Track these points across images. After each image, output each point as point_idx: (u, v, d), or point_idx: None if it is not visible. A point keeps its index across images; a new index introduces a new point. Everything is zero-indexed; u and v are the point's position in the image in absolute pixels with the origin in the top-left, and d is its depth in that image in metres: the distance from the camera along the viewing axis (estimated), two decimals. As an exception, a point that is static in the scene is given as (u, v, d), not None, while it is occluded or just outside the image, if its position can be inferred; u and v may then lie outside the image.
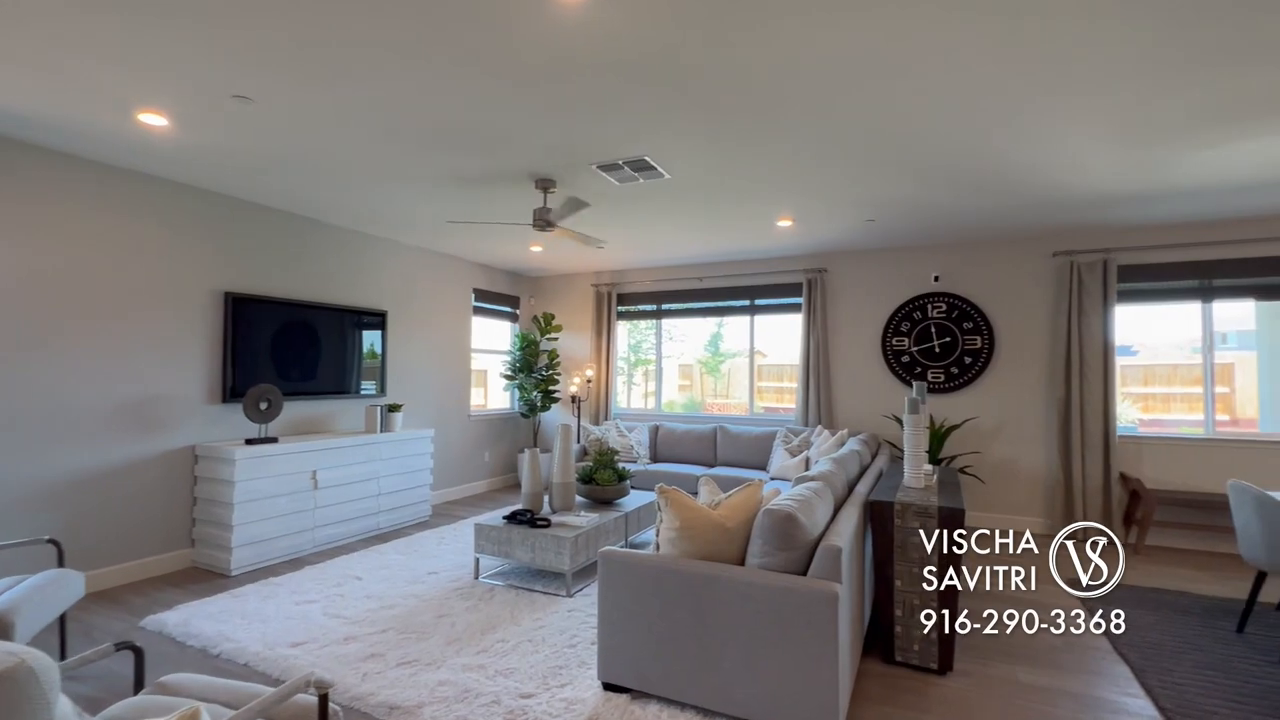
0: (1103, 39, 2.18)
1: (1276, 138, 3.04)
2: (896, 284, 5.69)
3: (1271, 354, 5.31)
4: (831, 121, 2.90)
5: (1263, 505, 2.91)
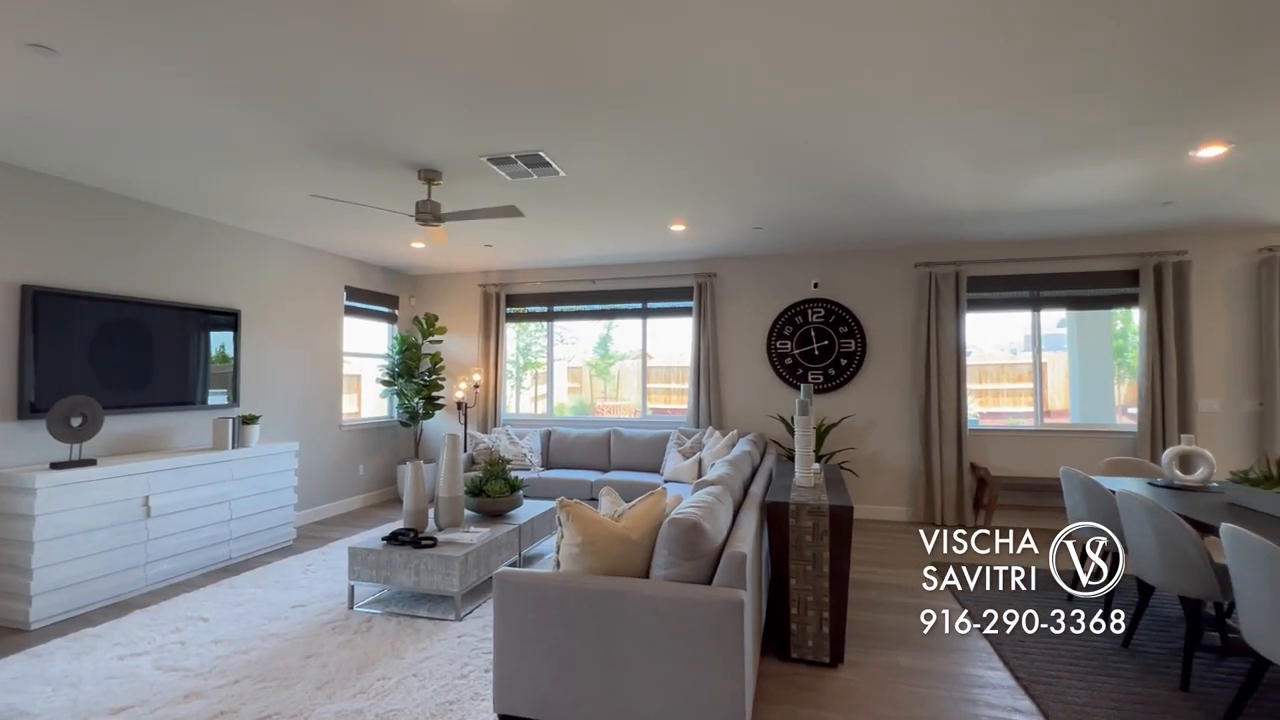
0: (966, 72, 2.37)
1: (1096, 168, 3.50)
2: (781, 289, 5.96)
3: (1080, 356, 6.19)
4: (725, 129, 2.93)
5: (1088, 488, 3.33)
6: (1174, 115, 2.78)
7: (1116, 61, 2.32)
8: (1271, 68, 2.35)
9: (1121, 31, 2.12)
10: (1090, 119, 2.83)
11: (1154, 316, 5.02)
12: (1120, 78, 2.44)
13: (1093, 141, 3.10)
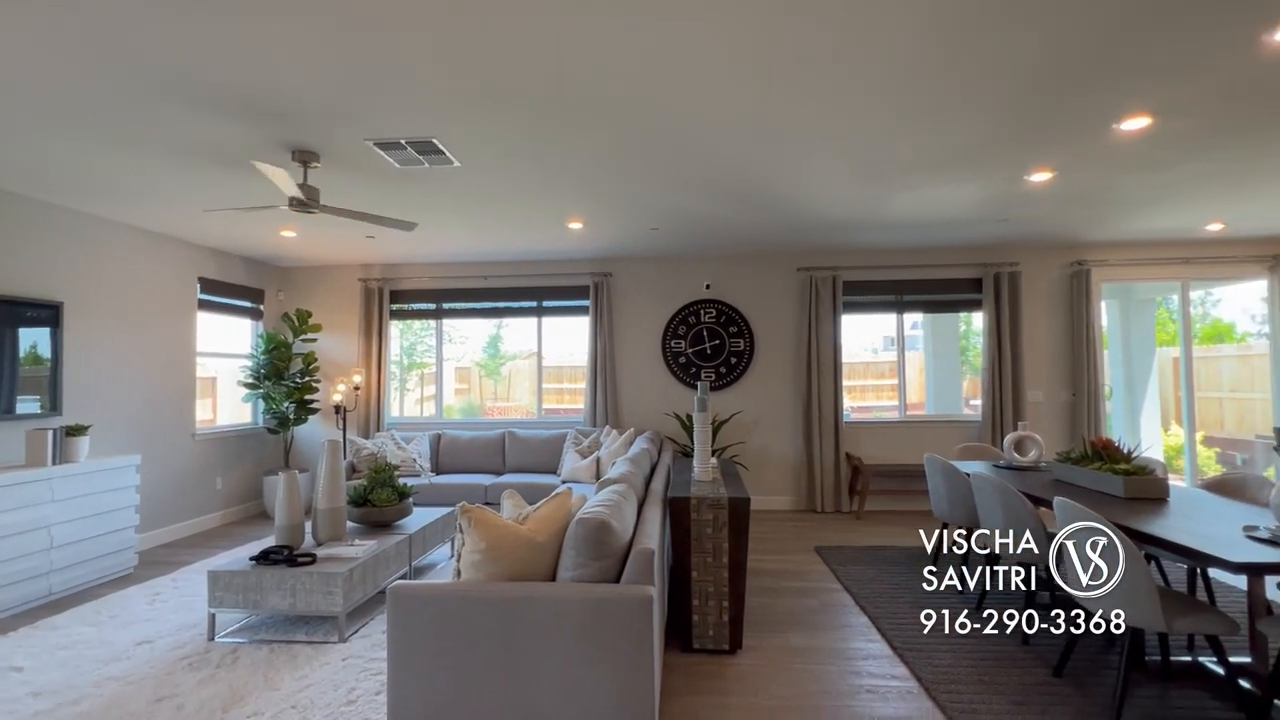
0: (849, 91, 2.56)
1: (951, 186, 3.93)
2: (675, 290, 6.10)
3: (934, 354, 6.93)
4: (622, 130, 2.95)
5: (947, 472, 3.72)
6: (1014, 142, 3.19)
7: (971, 94, 2.61)
8: (1086, 107, 2.76)
9: (972, 69, 2.38)
10: (949, 141, 3.16)
11: (993, 319, 5.72)
12: (973, 108, 2.75)
13: (950, 162, 3.47)
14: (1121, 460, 3.10)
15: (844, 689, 2.50)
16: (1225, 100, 2.70)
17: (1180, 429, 6.32)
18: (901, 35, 2.17)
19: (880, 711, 2.34)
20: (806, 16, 2.05)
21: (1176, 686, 2.48)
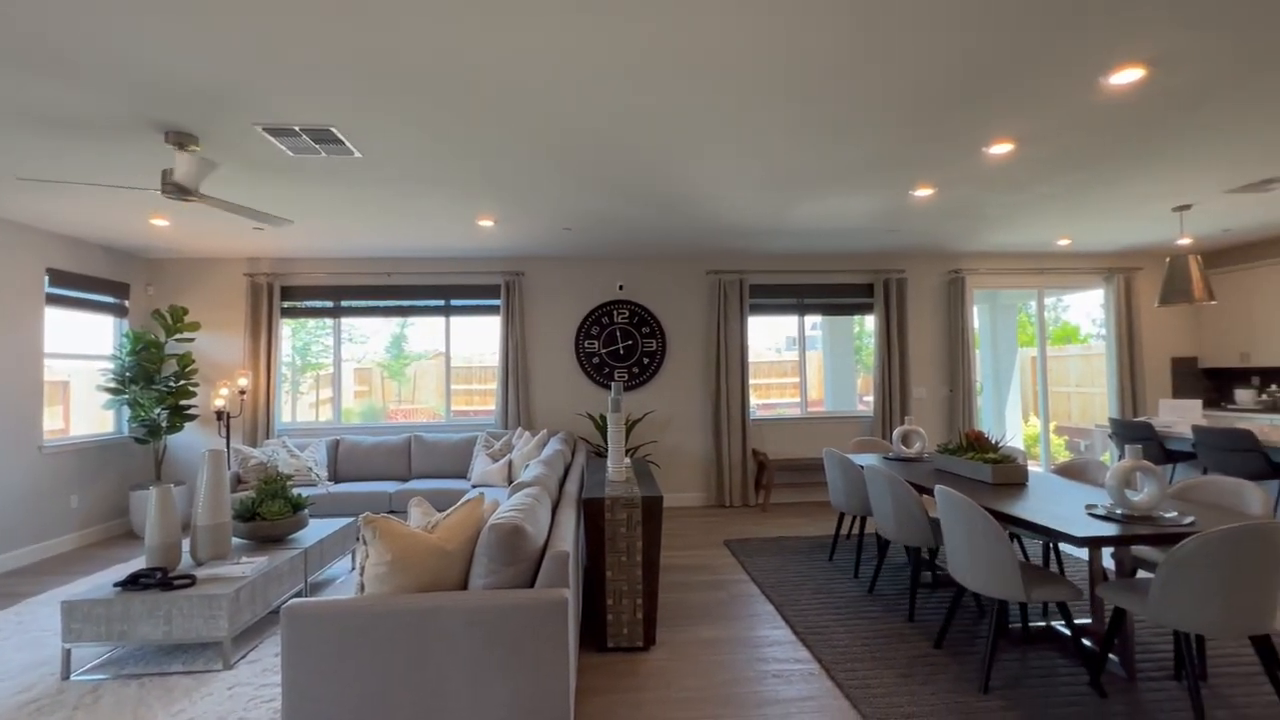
0: (760, 104, 2.68)
1: (847, 198, 4.20)
2: (589, 290, 6.11)
3: (831, 354, 7.38)
4: (536, 129, 2.92)
5: (843, 465, 3.98)
6: (902, 160, 3.46)
7: (866, 115, 2.81)
8: (962, 132, 3.06)
9: (867, 93, 2.57)
10: (847, 157, 3.38)
11: (883, 322, 6.18)
12: (868, 128, 2.96)
13: (847, 176, 3.71)
14: (990, 450, 3.46)
15: (751, 675, 2.62)
16: (1071, 132, 3.08)
17: (1037, 420, 7.13)
18: (809, 57, 2.30)
19: (785, 694, 2.47)
20: (718, 21, 2.13)
21: (1034, 649, 2.80)
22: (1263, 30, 2.18)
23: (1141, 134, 3.12)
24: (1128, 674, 2.54)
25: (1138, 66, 2.40)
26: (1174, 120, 2.95)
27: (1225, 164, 3.63)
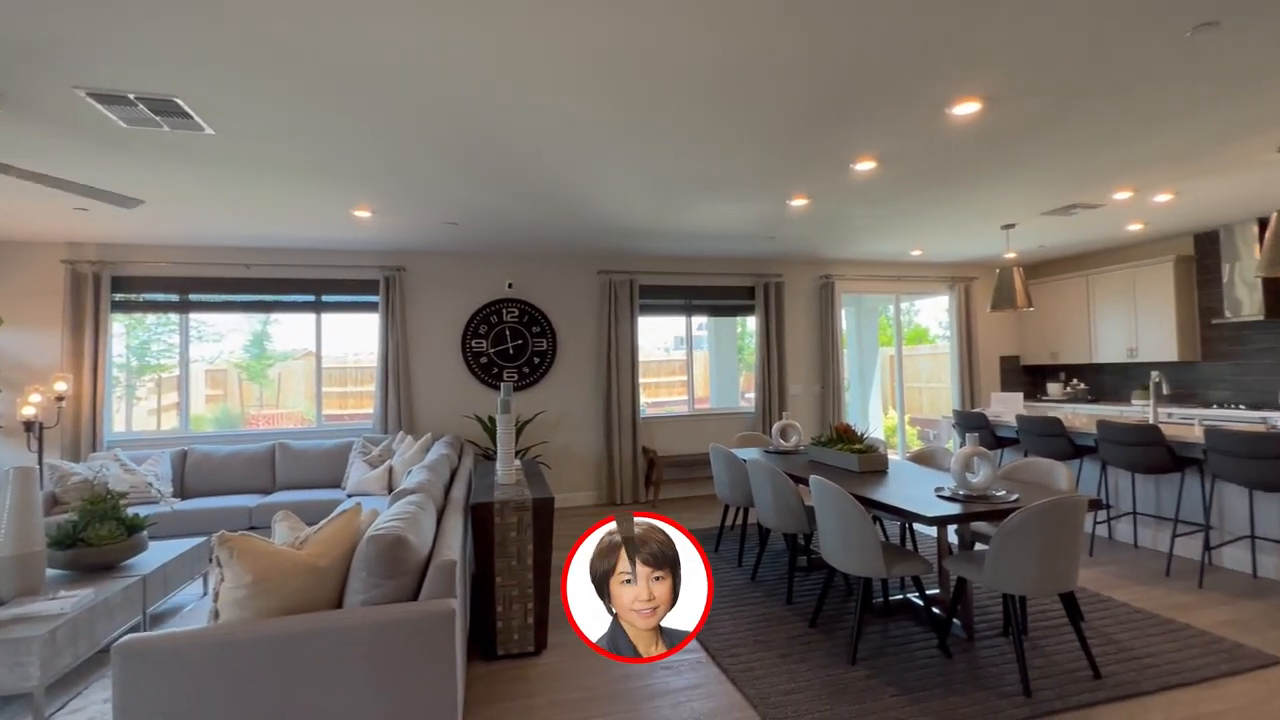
0: (652, 109, 2.74)
1: (731, 205, 4.40)
2: (476, 288, 5.91)
3: (717, 353, 7.70)
4: (418, 118, 2.78)
5: (728, 459, 4.17)
6: (780, 171, 3.69)
7: (749, 126, 2.96)
8: (832, 147, 3.31)
9: (751, 105, 2.71)
10: (731, 165, 3.54)
11: (763, 323, 6.54)
12: (750, 139, 3.12)
13: (732, 183, 3.89)
14: (856, 441, 3.78)
15: (643, 670, 2.67)
16: (924, 154, 3.44)
17: (895, 412, 7.90)
18: (694, 68, 2.38)
19: (674, 684, 2.55)
20: (606, 27, 2.14)
21: (894, 620, 3.10)
22: (1069, 84, 2.57)
23: (978, 160, 3.55)
24: (968, 635, 2.88)
25: (975, 100, 2.73)
26: (1003, 150, 3.39)
27: (1040, 190, 4.23)
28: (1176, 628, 2.92)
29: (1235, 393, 5.66)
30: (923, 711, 2.27)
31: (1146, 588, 3.49)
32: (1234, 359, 5.70)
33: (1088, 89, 2.66)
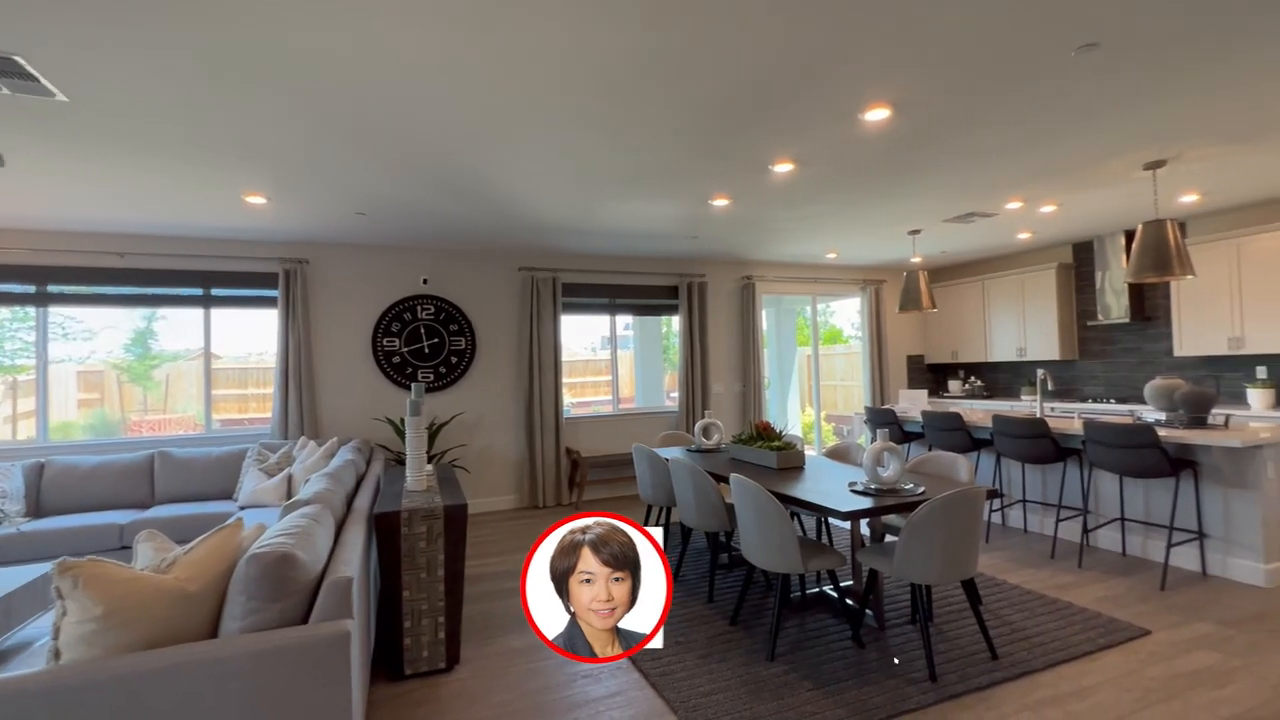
0: (567, 104, 2.64)
1: (655, 203, 4.38)
2: (388, 283, 5.58)
3: (642, 352, 7.71)
4: (316, 97, 2.56)
5: (651, 459, 4.14)
6: (701, 170, 3.69)
7: (668, 122, 2.93)
8: (752, 148, 3.34)
9: (667, 102, 2.68)
10: (652, 161, 3.51)
11: (687, 323, 6.59)
12: (671, 135, 3.10)
13: (653, 180, 3.85)
14: (775, 439, 3.84)
15: (561, 680, 2.57)
16: (839, 159, 3.54)
17: (812, 410, 8.19)
18: (606, 64, 2.31)
19: (594, 693, 2.47)
20: (513, 15, 2.04)
21: (810, 613, 3.17)
22: (968, 97, 2.70)
23: (888, 166, 3.70)
24: (879, 624, 2.99)
25: (885, 107, 2.82)
26: (910, 158, 3.55)
27: (943, 198, 4.48)
28: (1060, 606, 3.15)
29: (1107, 388, 6.25)
30: (838, 704, 2.31)
31: (1035, 570, 3.76)
32: (1105, 358, 6.29)
33: (985, 103, 2.82)
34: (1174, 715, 2.21)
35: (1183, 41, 2.34)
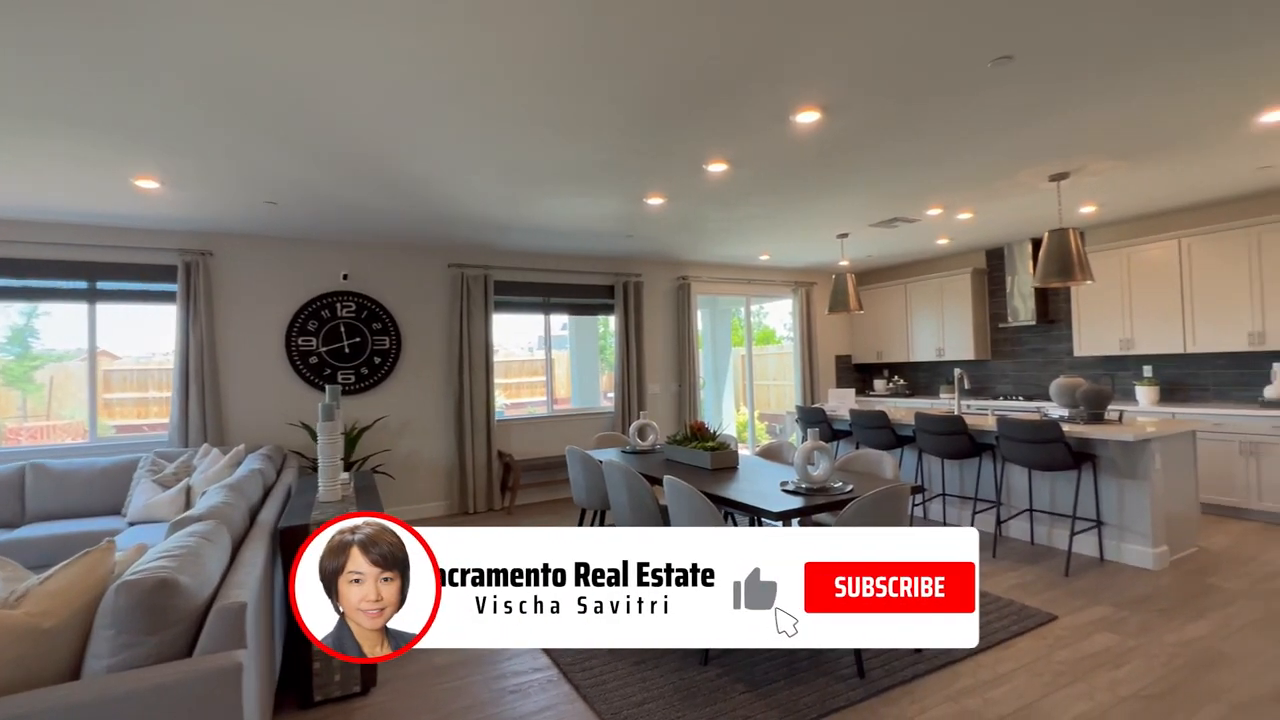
0: (496, 93, 2.52)
1: (590, 199, 4.28)
2: (303, 279, 5.22)
3: (578, 352, 7.60)
4: (220, 80, 2.32)
5: (584, 461, 4.04)
6: (636, 167, 3.63)
7: (600, 118, 2.85)
8: (686, 146, 3.32)
9: (598, 97, 2.60)
10: (586, 157, 3.42)
11: (623, 322, 6.53)
12: (604, 130, 3.02)
13: (587, 176, 3.76)
14: (709, 439, 3.84)
15: (487, 697, 2.45)
16: (772, 160, 3.57)
17: (746, 409, 8.32)
18: (541, 52, 2.20)
19: (523, 709, 2.36)
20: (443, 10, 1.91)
21: (743, 613, 3.16)
22: (894, 104, 2.77)
23: (819, 169, 3.76)
24: (809, 621, 3.01)
25: (815, 110, 2.85)
26: (839, 161, 3.62)
27: (869, 202, 4.62)
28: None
29: (1016, 386, 6.66)
30: (770, 705, 2.30)
31: (954, 561, 3.92)
32: (1015, 358, 6.70)
33: (908, 110, 2.90)
34: (1080, 696, 2.33)
35: (1085, 60, 2.47)
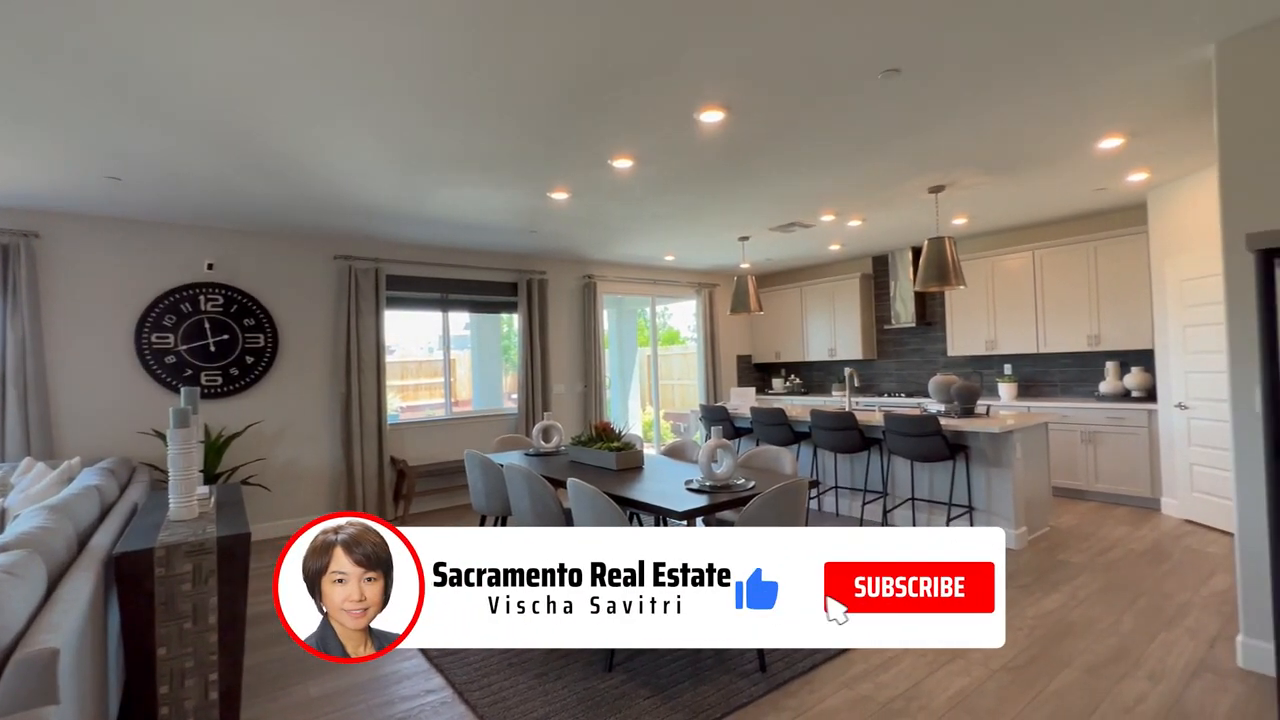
0: (381, 71, 2.31)
1: (491, 190, 4.09)
2: (159, 267, 4.61)
3: (480, 352, 7.30)
4: (39, 10, 1.95)
5: (484, 465, 3.85)
6: (538, 158, 3.50)
7: (498, 102, 2.70)
8: (589, 140, 3.23)
9: (496, 80, 2.46)
10: (483, 145, 3.24)
11: (526, 321, 6.34)
12: (504, 116, 2.87)
13: (486, 165, 3.58)
14: (615, 439, 3.78)
15: (371, 727, 2.24)
16: (677, 158, 3.56)
17: (651, 408, 8.37)
18: (432, 31, 2.03)
19: (411, 737, 2.17)
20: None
21: (648, 615, 3.13)
22: (792, 109, 2.84)
23: (722, 170, 3.81)
24: (713, 619, 3.03)
25: (720, 109, 2.87)
26: (741, 164, 3.69)
27: (769, 206, 4.76)
28: (868, 583, 3.46)
29: (898, 384, 7.16)
30: (675, 708, 2.27)
31: (846, 550, 4.12)
32: (897, 357, 7.20)
33: (804, 116, 2.99)
34: (959, 673, 2.49)
35: (960, 79, 2.65)
